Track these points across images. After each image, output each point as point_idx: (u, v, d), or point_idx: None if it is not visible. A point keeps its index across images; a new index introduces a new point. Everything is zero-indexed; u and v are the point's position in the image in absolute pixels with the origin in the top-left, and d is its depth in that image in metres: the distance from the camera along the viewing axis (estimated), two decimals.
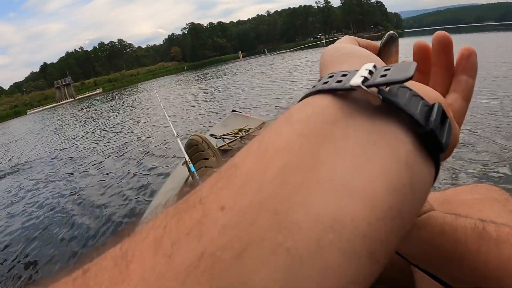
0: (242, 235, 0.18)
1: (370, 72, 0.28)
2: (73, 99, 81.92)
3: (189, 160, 1.95)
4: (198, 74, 41.56)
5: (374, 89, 0.26)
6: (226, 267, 0.17)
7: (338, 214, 0.19)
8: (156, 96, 16.57)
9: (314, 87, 0.29)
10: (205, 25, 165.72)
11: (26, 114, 77.82)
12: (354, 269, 0.19)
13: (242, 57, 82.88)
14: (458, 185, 0.85)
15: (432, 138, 0.26)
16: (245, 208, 0.19)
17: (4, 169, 8.46)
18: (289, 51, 59.03)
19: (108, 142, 8.23)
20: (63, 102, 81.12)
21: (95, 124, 13.61)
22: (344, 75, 0.29)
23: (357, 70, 0.28)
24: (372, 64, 0.29)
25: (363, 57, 0.35)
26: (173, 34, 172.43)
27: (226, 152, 2.07)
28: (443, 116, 0.28)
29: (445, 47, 0.40)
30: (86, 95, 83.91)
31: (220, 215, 0.19)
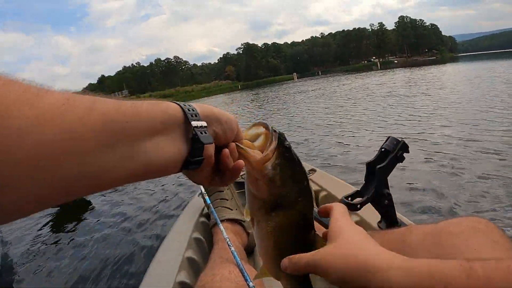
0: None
1: (204, 127, 0.57)
2: None
3: (204, 192, 2.05)
4: (250, 93, 41.94)
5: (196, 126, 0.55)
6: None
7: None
8: None
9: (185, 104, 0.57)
10: (259, 45, 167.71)
11: None
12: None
13: (297, 78, 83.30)
14: (450, 218, 0.94)
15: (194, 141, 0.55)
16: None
17: None
18: (340, 75, 58.99)
19: None
20: None
21: None
22: (196, 114, 0.57)
23: (204, 123, 0.58)
24: (205, 123, 0.58)
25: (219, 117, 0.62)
26: (227, 53, 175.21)
27: (239, 184, 2.15)
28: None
29: None
30: None
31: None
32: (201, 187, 2.20)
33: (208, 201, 1.95)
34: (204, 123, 0.58)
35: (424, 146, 5.52)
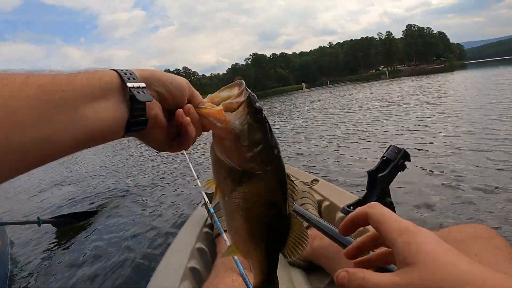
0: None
1: (142, 87, 0.59)
2: None
3: (208, 202, 2.05)
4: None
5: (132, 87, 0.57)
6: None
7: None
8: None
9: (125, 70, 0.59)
10: (268, 55, 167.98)
11: None
12: None
13: (305, 88, 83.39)
14: (452, 225, 0.92)
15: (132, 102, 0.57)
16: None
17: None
18: (348, 84, 59.06)
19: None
20: None
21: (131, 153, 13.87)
22: (134, 77, 0.59)
23: (142, 84, 0.60)
24: (143, 84, 0.59)
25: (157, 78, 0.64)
26: (236, 64, 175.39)
27: None
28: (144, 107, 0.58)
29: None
30: None
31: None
32: (205, 197, 2.22)
33: (212, 211, 1.95)
34: (142, 84, 0.59)
35: (427, 155, 5.47)
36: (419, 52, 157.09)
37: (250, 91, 0.67)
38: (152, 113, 0.61)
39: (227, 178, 0.67)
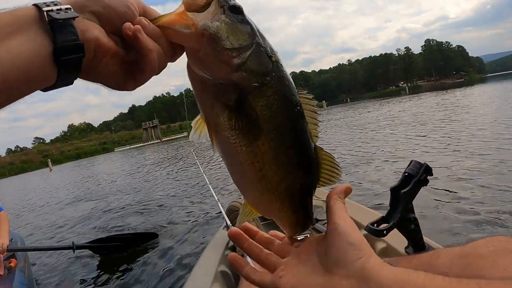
0: None
1: (65, 8, 0.47)
2: (159, 140, 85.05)
3: (230, 225, 2.03)
4: None
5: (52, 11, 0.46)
6: None
7: None
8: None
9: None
10: None
11: (114, 151, 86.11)
12: None
13: (325, 106, 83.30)
14: (477, 239, 0.90)
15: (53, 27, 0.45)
16: None
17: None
18: (368, 101, 58.92)
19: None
20: (149, 143, 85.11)
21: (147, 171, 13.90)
22: (55, 3, 0.48)
23: (65, 5, 0.48)
24: (67, 6, 0.48)
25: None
26: None
27: (265, 218, 2.13)
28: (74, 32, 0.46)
29: None
30: (172, 137, 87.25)
31: None
32: (227, 219, 2.19)
33: None
34: (64, 6, 0.48)
35: (448, 170, 5.43)
36: (439, 67, 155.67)
37: None
38: (89, 36, 0.49)
39: (216, 104, 0.50)
